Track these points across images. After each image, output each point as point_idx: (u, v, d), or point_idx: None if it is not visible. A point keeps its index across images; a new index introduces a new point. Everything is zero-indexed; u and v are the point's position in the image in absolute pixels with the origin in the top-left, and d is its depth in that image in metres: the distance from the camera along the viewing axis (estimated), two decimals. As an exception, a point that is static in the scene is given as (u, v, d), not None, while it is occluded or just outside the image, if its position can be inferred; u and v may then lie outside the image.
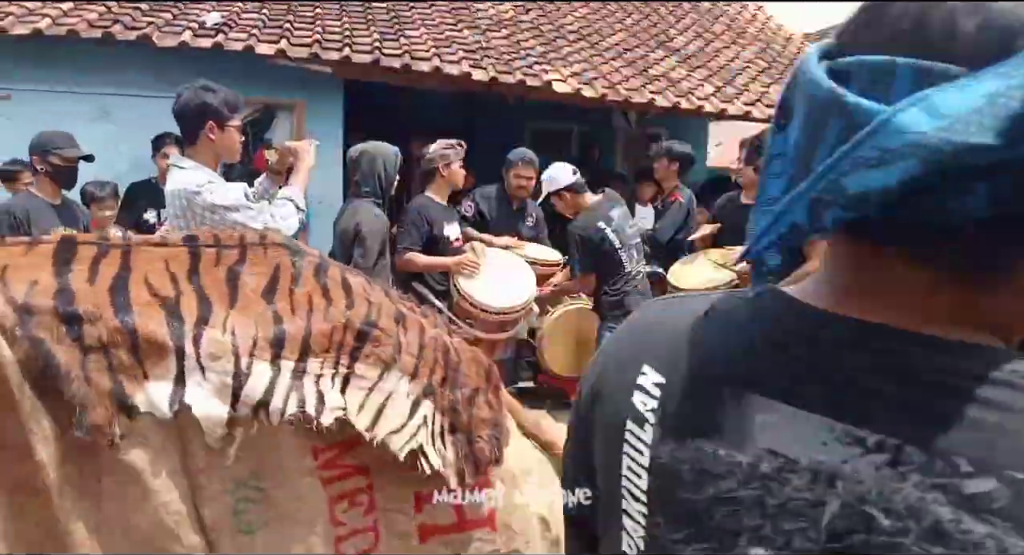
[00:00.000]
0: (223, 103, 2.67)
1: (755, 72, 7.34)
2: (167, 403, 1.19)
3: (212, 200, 2.54)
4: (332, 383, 1.31)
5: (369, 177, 3.51)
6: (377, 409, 1.33)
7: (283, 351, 1.29)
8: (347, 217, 3.49)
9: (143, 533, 1.19)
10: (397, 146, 3.78)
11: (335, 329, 1.34)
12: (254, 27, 5.51)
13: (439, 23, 6.63)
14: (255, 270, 1.36)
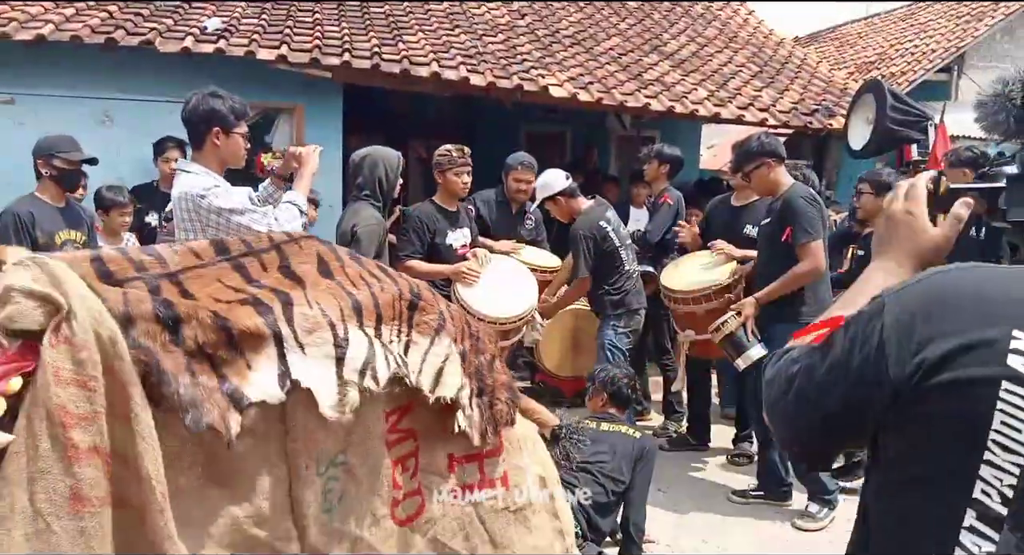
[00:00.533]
0: (230, 110, 2.75)
1: (747, 76, 7.45)
2: (277, 385, 1.20)
3: (218, 204, 2.62)
4: (400, 348, 1.39)
5: (370, 180, 3.54)
6: (436, 372, 1.43)
7: (363, 319, 1.35)
8: (346, 219, 3.54)
9: (238, 523, 1.21)
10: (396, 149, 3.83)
11: (394, 299, 1.42)
12: (254, 32, 5.58)
13: (436, 28, 6.71)
14: (302, 260, 1.43)
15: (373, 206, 3.52)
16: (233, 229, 2.66)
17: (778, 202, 3.60)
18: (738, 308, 3.57)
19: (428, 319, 1.47)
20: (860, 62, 11.13)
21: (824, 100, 7.18)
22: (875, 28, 12.84)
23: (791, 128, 6.77)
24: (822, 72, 8.20)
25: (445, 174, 3.97)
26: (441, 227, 3.97)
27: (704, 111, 6.37)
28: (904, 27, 11.81)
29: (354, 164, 3.64)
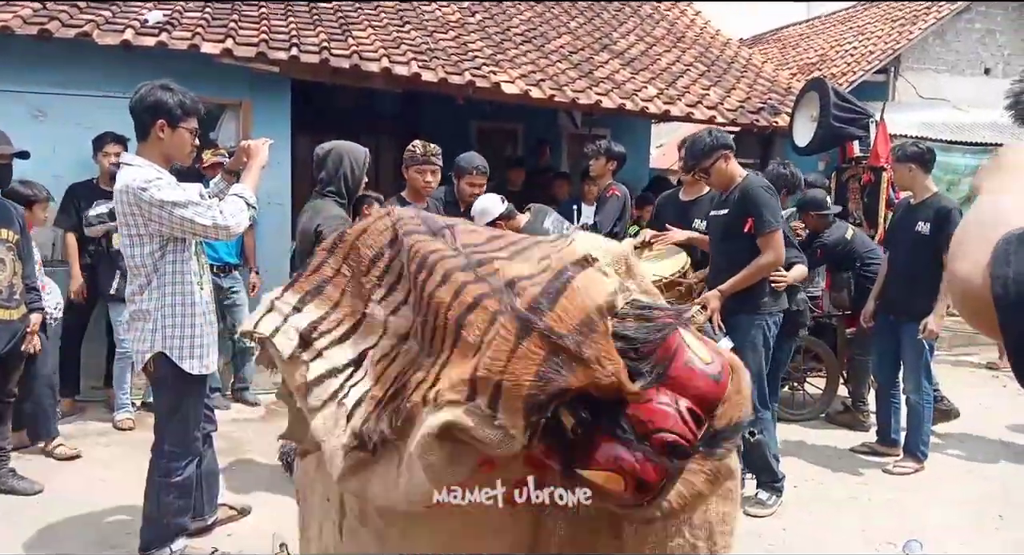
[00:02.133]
0: (179, 104, 2.68)
1: (695, 75, 7.57)
2: None
3: (160, 196, 2.55)
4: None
5: (334, 176, 3.43)
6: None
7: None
8: (308, 217, 3.41)
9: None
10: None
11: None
12: (198, 26, 5.42)
13: (386, 24, 6.64)
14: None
15: (337, 203, 3.42)
16: (176, 223, 2.58)
17: (734, 193, 3.63)
18: (702, 302, 3.58)
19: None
20: (802, 63, 11.42)
21: (769, 99, 7.34)
22: (816, 30, 13.20)
23: (738, 126, 6.91)
24: (767, 72, 8.39)
25: (408, 170, 3.94)
26: None
27: (654, 109, 6.45)
28: (844, 30, 12.17)
29: (318, 158, 3.52)
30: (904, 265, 4.25)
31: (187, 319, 2.74)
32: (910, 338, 4.19)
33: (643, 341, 1.29)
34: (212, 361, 2.89)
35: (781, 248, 3.54)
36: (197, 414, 2.87)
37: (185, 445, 2.82)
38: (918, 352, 4.20)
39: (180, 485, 2.80)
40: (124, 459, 4.05)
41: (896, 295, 4.29)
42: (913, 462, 4.23)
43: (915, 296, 4.16)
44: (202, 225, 2.60)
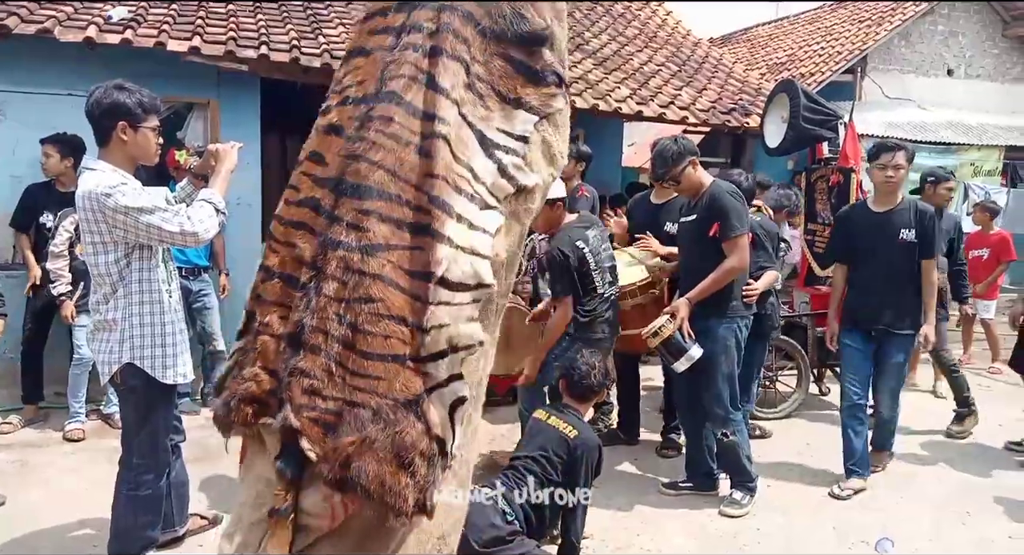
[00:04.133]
0: (138, 103, 2.60)
1: (667, 75, 7.60)
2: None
3: (124, 202, 2.47)
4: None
5: None
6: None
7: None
8: None
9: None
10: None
11: None
12: (164, 23, 5.30)
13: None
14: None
15: None
16: (143, 230, 2.51)
17: (703, 199, 3.65)
18: (671, 310, 3.58)
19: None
20: (772, 63, 11.55)
21: (740, 99, 7.40)
22: (784, 31, 13.36)
23: (710, 126, 6.96)
24: (737, 72, 8.46)
25: None
26: None
27: (627, 109, 6.47)
28: (811, 30, 12.33)
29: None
30: (887, 276, 3.87)
31: (156, 328, 2.67)
32: (896, 352, 3.92)
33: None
34: (188, 370, 2.83)
35: (746, 252, 3.57)
36: (167, 426, 2.80)
37: (154, 458, 2.75)
38: (901, 367, 4.01)
39: (149, 499, 2.74)
40: (89, 467, 3.95)
41: (878, 308, 3.90)
42: (884, 457, 4.23)
43: (902, 308, 3.87)
44: (169, 232, 2.53)
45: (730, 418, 3.67)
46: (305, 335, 1.39)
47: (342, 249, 1.39)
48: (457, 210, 1.41)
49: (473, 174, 1.50)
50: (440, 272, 1.38)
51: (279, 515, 1.42)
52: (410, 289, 1.38)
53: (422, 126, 1.43)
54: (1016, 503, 3.90)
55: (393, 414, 1.34)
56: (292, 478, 1.41)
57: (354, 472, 1.29)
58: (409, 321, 1.37)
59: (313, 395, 1.36)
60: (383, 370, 1.35)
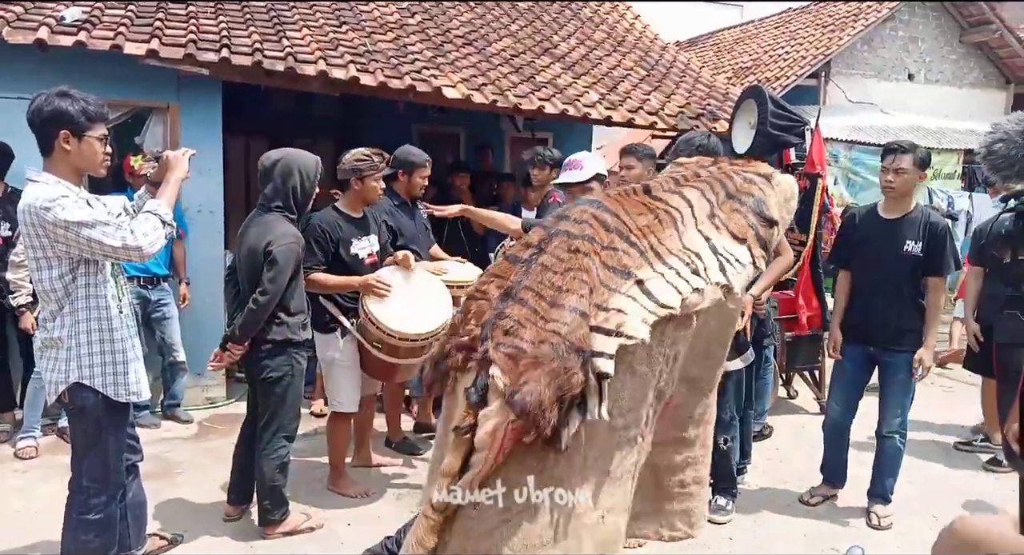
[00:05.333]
0: (81, 111, 2.48)
1: (636, 80, 7.61)
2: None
3: (64, 216, 2.36)
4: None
5: (282, 189, 3.25)
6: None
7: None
8: (257, 234, 3.21)
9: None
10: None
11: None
12: (120, 24, 5.14)
13: (322, 24, 6.44)
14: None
15: (287, 219, 3.24)
16: (84, 244, 2.40)
17: None
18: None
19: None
20: (738, 67, 11.66)
21: (708, 104, 7.44)
22: (750, 35, 13.50)
23: (678, 131, 6.96)
24: (705, 77, 8.50)
25: (365, 181, 3.74)
26: (345, 236, 3.74)
27: (596, 114, 6.45)
28: (776, 34, 12.47)
29: (263, 169, 3.30)
30: (887, 288, 3.64)
31: (106, 345, 2.56)
32: (899, 372, 3.64)
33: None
34: (141, 389, 2.71)
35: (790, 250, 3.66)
36: (119, 446, 2.68)
37: (105, 479, 2.64)
38: (907, 387, 3.66)
39: (100, 523, 2.62)
40: (41, 487, 3.81)
41: (879, 323, 3.66)
42: (888, 505, 3.78)
43: (904, 324, 3.63)
44: (111, 246, 2.41)
45: (732, 424, 3.67)
46: (516, 290, 1.82)
47: (565, 235, 1.91)
48: (672, 261, 1.97)
49: (696, 254, 2.14)
50: (640, 276, 1.85)
51: (460, 432, 1.77)
52: (606, 277, 1.84)
53: (671, 207, 2.26)
54: (980, 504, 3.96)
55: (568, 354, 1.69)
56: (475, 403, 1.74)
57: (524, 391, 1.63)
58: (596, 301, 1.78)
59: (510, 335, 1.74)
60: (570, 319, 1.74)
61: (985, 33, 11.04)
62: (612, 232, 2.03)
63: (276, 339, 3.25)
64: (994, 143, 3.64)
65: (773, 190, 2.46)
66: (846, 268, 3.90)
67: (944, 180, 10.05)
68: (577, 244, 1.93)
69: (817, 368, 5.73)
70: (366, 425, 4.29)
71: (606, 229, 2.03)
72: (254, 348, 3.24)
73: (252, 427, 3.46)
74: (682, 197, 2.29)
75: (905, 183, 3.62)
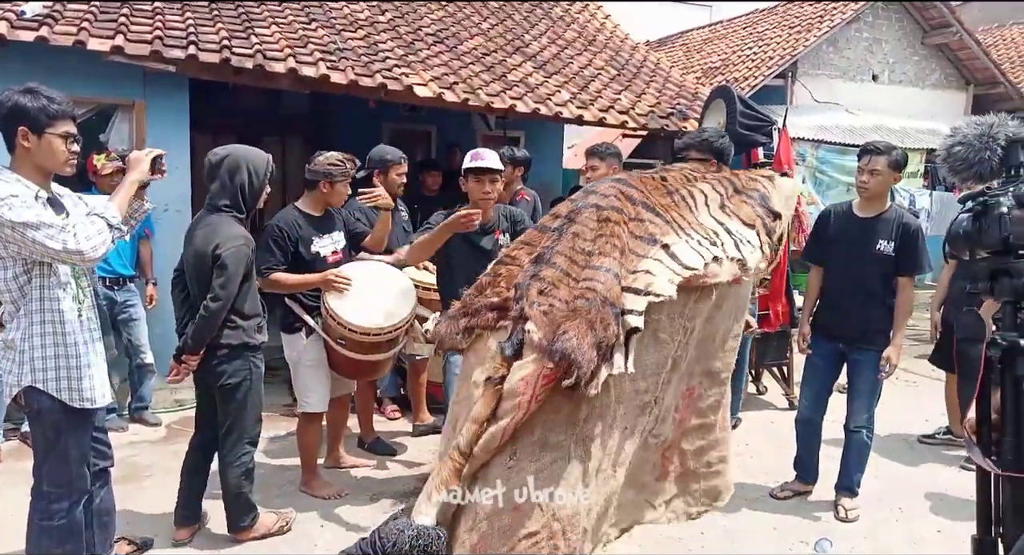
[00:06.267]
0: (41, 109, 2.42)
1: (607, 79, 7.65)
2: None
3: (9, 216, 2.30)
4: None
5: (230, 187, 3.13)
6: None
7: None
8: (204, 236, 3.10)
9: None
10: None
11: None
12: (84, 20, 5.04)
13: (292, 21, 6.38)
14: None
15: (236, 219, 3.14)
16: (30, 245, 2.34)
17: None
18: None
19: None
20: (707, 67, 11.78)
21: (678, 103, 7.51)
22: (719, 35, 13.65)
23: (649, 130, 7.02)
24: (675, 76, 8.58)
25: (334, 185, 3.73)
26: (305, 235, 3.71)
27: (568, 113, 6.48)
28: (745, 35, 12.63)
29: (210, 165, 3.19)
30: (859, 287, 3.68)
31: (60, 349, 2.48)
32: (867, 369, 3.69)
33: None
34: (100, 393, 2.62)
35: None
36: (81, 450, 2.61)
37: (67, 485, 2.57)
38: (874, 383, 3.72)
39: (63, 528, 2.56)
40: (8, 492, 3.72)
41: (849, 321, 3.72)
42: (855, 498, 3.85)
43: (873, 322, 3.68)
44: (53, 250, 2.34)
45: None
46: (549, 255, 1.92)
47: (594, 208, 2.01)
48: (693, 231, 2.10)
49: (712, 231, 2.31)
50: (666, 241, 1.98)
51: (492, 382, 1.87)
52: (634, 245, 1.97)
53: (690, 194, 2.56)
54: (943, 497, 4.06)
55: (603, 307, 1.81)
56: (510, 356, 1.84)
57: (565, 338, 1.72)
58: (626, 265, 1.91)
59: (544, 295, 1.85)
60: (604, 278, 1.86)
61: (946, 35, 11.31)
62: (638, 205, 2.19)
63: (232, 343, 3.14)
64: (953, 146, 3.71)
65: (775, 188, 2.69)
66: (819, 265, 3.96)
67: (907, 179, 10.27)
68: (607, 214, 2.08)
69: (786, 364, 5.83)
70: (339, 426, 4.26)
71: (632, 203, 2.19)
72: (209, 354, 3.13)
73: (202, 437, 3.37)
74: (695, 188, 2.50)
75: (879, 184, 3.67)
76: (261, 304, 3.32)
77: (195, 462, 3.39)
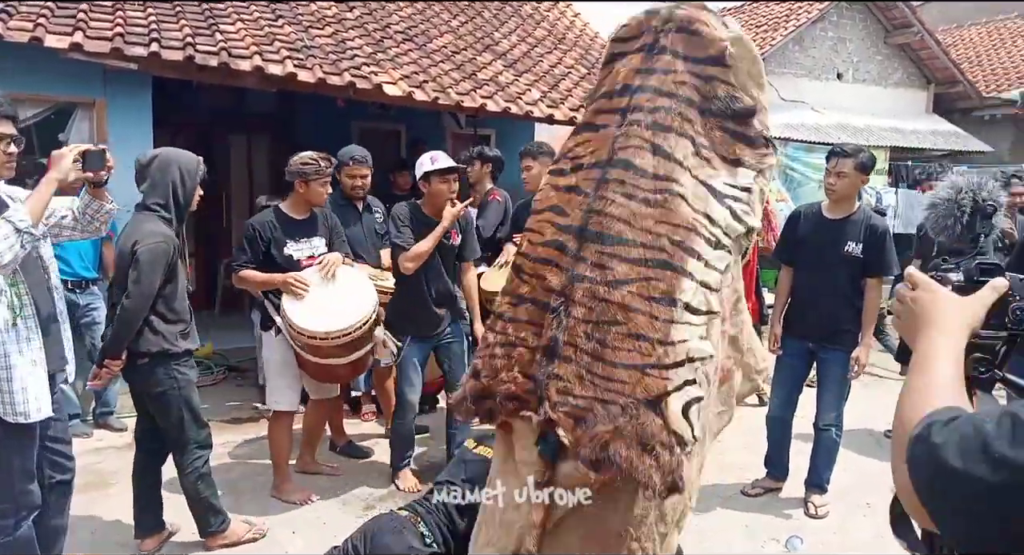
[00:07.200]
0: None
1: (577, 77, 7.66)
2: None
3: None
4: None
5: (160, 187, 3.05)
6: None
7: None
8: (126, 236, 3.03)
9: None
10: (214, 145, 3.46)
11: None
12: (40, 15, 4.89)
13: (257, 18, 6.27)
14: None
15: (162, 219, 3.05)
16: None
17: None
18: None
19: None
20: (675, 65, 11.86)
21: (648, 102, 7.53)
22: (687, 33, 13.75)
23: (619, 129, 7.03)
24: (644, 75, 8.61)
25: (309, 184, 3.70)
26: (279, 237, 3.70)
27: (538, 112, 6.47)
28: (712, 34, 12.74)
29: (139, 166, 3.13)
30: (828, 288, 3.72)
31: None
32: (836, 367, 3.75)
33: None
34: (36, 408, 2.46)
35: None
36: (24, 465, 2.48)
37: (10, 501, 2.45)
38: (842, 382, 3.78)
39: (8, 546, 2.45)
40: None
41: (818, 321, 3.76)
42: (824, 495, 3.92)
43: (842, 323, 3.72)
44: None
45: None
46: (559, 348, 1.76)
47: (588, 282, 1.75)
48: (697, 250, 1.79)
49: (710, 220, 1.88)
50: (686, 299, 1.75)
51: (540, 485, 1.79)
52: (651, 311, 1.73)
53: (654, 184, 1.80)
54: (910, 491, 4.13)
55: (636, 410, 1.67)
56: (550, 459, 1.77)
57: (611, 453, 1.64)
58: (650, 337, 1.72)
59: (566, 394, 1.72)
60: (627, 376, 1.70)
61: (907, 35, 11.52)
62: (629, 262, 1.78)
63: (151, 351, 3.01)
64: (929, 206, 3.84)
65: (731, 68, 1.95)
66: (789, 265, 4.00)
67: (872, 176, 10.44)
68: (600, 292, 1.77)
69: (755, 361, 5.88)
70: (314, 429, 4.21)
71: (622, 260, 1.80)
72: (131, 362, 3.02)
73: (147, 444, 3.30)
74: (659, 153, 1.85)
75: (847, 186, 3.70)
76: (188, 310, 3.21)
77: (141, 466, 3.32)
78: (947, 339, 1.01)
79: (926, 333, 1.04)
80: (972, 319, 1.03)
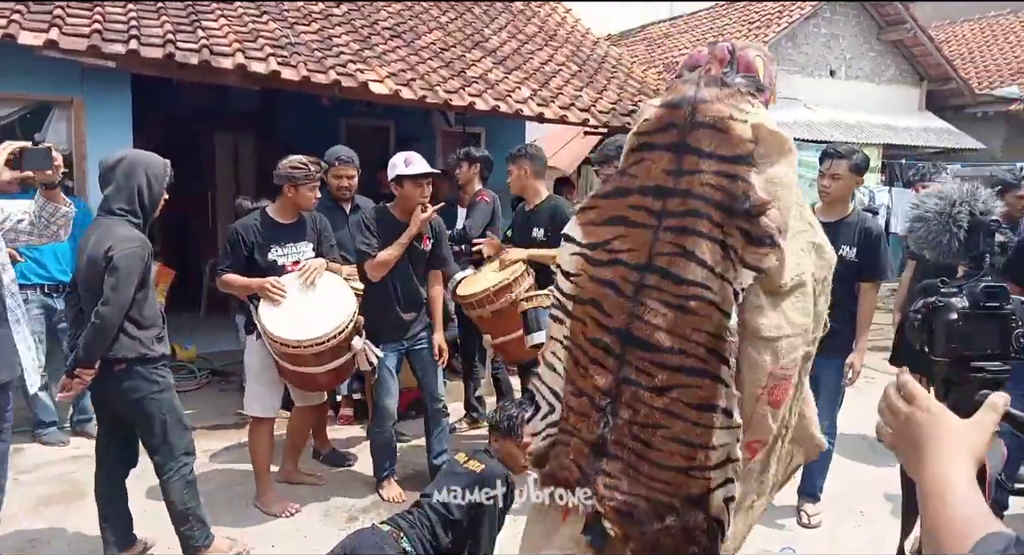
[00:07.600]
0: None
1: (567, 75, 7.56)
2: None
3: None
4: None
5: (126, 190, 2.95)
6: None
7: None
8: (96, 242, 2.91)
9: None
10: (201, 145, 3.38)
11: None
12: (14, 12, 4.76)
13: (241, 14, 6.15)
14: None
15: (131, 223, 2.95)
16: None
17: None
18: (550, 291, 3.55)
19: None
20: (668, 61, 11.77)
21: (640, 100, 7.45)
22: (680, 29, 13.66)
23: (610, 128, 6.95)
24: (637, 73, 8.52)
25: (298, 189, 3.61)
26: (263, 242, 3.62)
27: (528, 111, 6.37)
28: (705, 30, 12.66)
29: (104, 169, 3.03)
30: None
31: None
32: (829, 374, 3.63)
33: None
34: None
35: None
36: None
37: None
38: (836, 390, 3.70)
39: None
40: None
41: None
42: (817, 504, 3.85)
43: (834, 328, 3.69)
44: None
45: None
46: (606, 446, 1.86)
47: (633, 386, 1.82)
48: (727, 357, 1.85)
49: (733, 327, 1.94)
50: (723, 405, 1.80)
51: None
52: (693, 418, 1.79)
53: (688, 290, 1.83)
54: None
55: (681, 506, 1.78)
56: (597, 547, 1.86)
57: (661, 550, 1.79)
58: (693, 442, 1.77)
59: (613, 490, 1.83)
60: (671, 477, 1.79)
61: (900, 32, 11.47)
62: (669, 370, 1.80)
63: (128, 357, 2.91)
64: (914, 221, 3.52)
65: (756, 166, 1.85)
66: None
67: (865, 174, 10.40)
68: (645, 397, 1.82)
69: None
70: (297, 438, 4.12)
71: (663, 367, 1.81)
72: (105, 370, 2.90)
73: (110, 456, 3.18)
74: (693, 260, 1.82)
75: (841, 188, 3.61)
76: (161, 315, 3.11)
77: (107, 484, 3.20)
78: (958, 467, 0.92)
79: (933, 464, 0.94)
80: (977, 450, 0.94)
